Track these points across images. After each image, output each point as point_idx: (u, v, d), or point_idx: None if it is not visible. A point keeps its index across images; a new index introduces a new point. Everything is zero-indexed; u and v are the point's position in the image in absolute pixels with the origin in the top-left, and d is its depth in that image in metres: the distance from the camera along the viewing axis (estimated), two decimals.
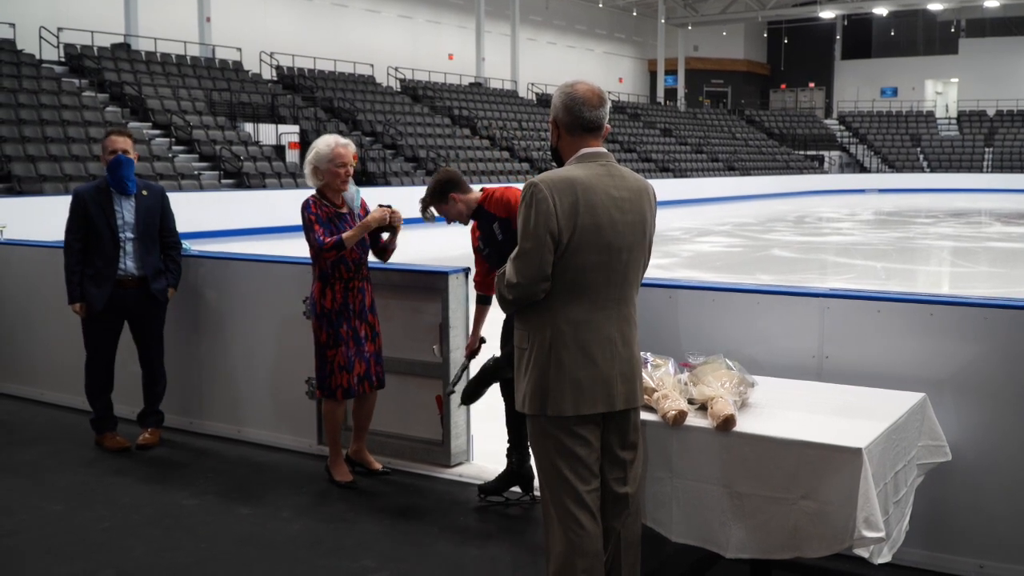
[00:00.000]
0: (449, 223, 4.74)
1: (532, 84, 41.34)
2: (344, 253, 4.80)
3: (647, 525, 3.44)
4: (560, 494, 3.09)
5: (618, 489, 3.18)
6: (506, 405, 4.69)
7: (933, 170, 47.60)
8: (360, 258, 4.92)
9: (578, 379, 3.02)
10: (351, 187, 4.95)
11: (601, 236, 2.99)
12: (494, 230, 4.56)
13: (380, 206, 4.91)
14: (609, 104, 3.18)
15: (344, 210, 4.91)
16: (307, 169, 4.91)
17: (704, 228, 24.78)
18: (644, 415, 3.35)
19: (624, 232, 3.04)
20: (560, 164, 3.16)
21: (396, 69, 35.46)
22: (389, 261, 5.26)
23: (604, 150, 3.12)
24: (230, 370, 5.95)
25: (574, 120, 3.09)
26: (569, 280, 3.00)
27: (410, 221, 5.05)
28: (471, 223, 4.73)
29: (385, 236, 5.06)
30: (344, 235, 4.79)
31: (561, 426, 3.06)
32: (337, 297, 4.84)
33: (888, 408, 3.52)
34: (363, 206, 5.03)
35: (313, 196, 4.90)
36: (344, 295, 4.86)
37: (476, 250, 4.76)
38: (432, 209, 4.67)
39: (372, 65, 34.30)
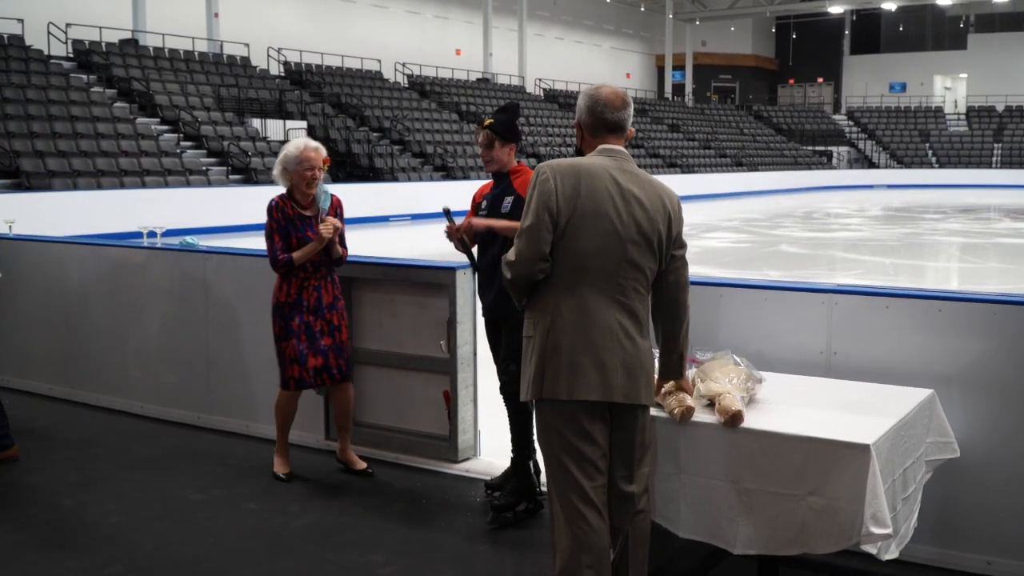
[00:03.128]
0: (484, 160, 4.58)
1: (540, 80, 41.29)
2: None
3: (655, 521, 3.44)
4: (565, 490, 3.09)
5: (625, 488, 3.18)
6: (508, 412, 4.62)
7: (942, 166, 47.45)
8: (319, 260, 5.00)
9: (574, 363, 3.03)
10: (320, 187, 4.97)
11: (602, 222, 3.01)
12: (504, 201, 4.51)
13: (326, 219, 4.93)
14: (632, 107, 3.21)
15: (309, 213, 4.97)
16: (276, 170, 5.00)
17: (712, 224, 24.73)
18: (652, 411, 3.36)
19: (629, 223, 3.03)
20: None
21: (404, 65, 35.45)
22: (398, 256, 5.27)
23: (622, 148, 3.16)
24: (238, 365, 5.96)
25: (596, 121, 3.16)
26: (569, 264, 3.03)
27: (419, 216, 5.03)
28: (479, 191, 4.73)
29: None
30: (295, 255, 4.92)
31: (566, 421, 3.06)
32: (292, 292, 4.99)
33: (896, 404, 3.51)
34: (335, 205, 5.06)
35: (281, 196, 5.01)
36: (299, 292, 5.00)
37: (475, 207, 4.73)
38: (485, 134, 4.54)
39: (380, 61, 34.28)
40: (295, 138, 5.07)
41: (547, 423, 3.10)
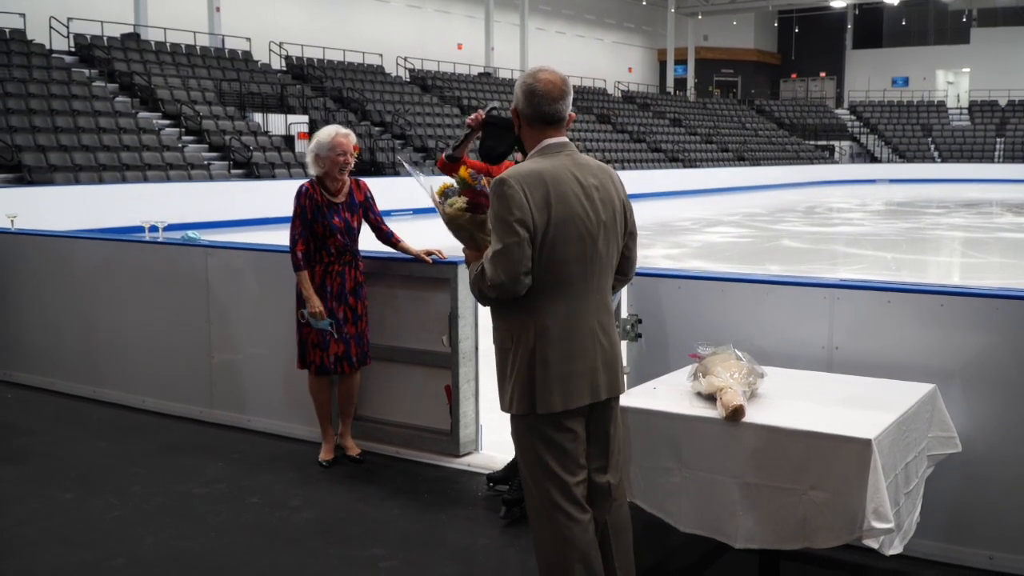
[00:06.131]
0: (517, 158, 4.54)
1: None
2: (329, 240, 5.07)
3: (655, 515, 3.44)
4: (548, 488, 3.05)
5: (599, 479, 3.15)
6: None
7: (944, 160, 47.41)
8: (344, 244, 5.10)
9: (564, 374, 2.99)
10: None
11: (575, 226, 2.97)
12: None
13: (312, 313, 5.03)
14: (571, 94, 3.10)
15: (338, 200, 5.12)
16: (309, 157, 5.16)
17: (714, 218, 24.72)
18: (643, 404, 3.36)
19: (596, 220, 3.01)
20: (523, 152, 3.15)
21: (405, 59, 35.43)
22: (400, 248, 5.28)
23: (566, 139, 3.09)
24: (240, 359, 5.96)
25: (534, 113, 3.05)
26: (549, 274, 2.97)
27: (420, 211, 5.07)
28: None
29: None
30: (304, 283, 5.02)
31: (549, 421, 3.03)
32: (315, 279, 5.08)
33: (898, 399, 3.51)
34: (363, 189, 5.27)
35: (310, 182, 5.15)
36: (323, 277, 5.10)
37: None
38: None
39: (381, 55, 34.26)
40: (327, 126, 5.22)
41: (531, 426, 3.05)
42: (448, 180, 3.45)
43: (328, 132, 5.11)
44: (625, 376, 3.69)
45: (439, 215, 3.22)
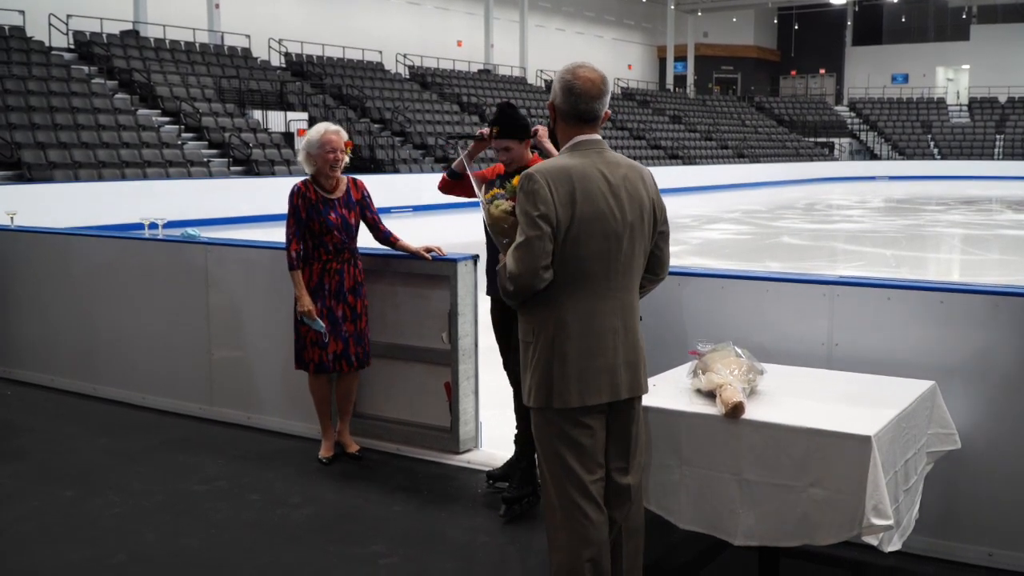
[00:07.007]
0: (501, 158, 4.59)
1: (541, 71, 41.24)
2: (326, 237, 5.06)
3: (655, 512, 3.44)
4: (565, 484, 3.06)
5: (620, 480, 3.15)
6: (515, 394, 4.67)
7: (944, 157, 47.40)
8: (342, 242, 5.10)
9: (582, 371, 3.00)
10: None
11: (600, 224, 2.97)
12: None
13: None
14: (610, 91, 3.14)
15: (333, 196, 5.11)
16: (301, 156, 5.16)
17: (713, 215, 24.72)
18: (643, 401, 3.36)
19: (622, 219, 3.01)
20: (556, 145, 3.16)
21: (405, 56, 35.40)
22: (399, 248, 5.27)
23: (598, 137, 3.10)
24: (239, 356, 5.96)
25: (571, 110, 3.08)
26: (571, 271, 2.98)
27: (421, 208, 5.06)
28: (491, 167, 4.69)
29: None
30: (296, 282, 5.00)
31: (567, 416, 3.04)
32: (314, 277, 5.07)
33: (897, 396, 3.51)
34: (360, 188, 5.24)
35: (304, 181, 5.13)
36: (320, 275, 5.08)
37: (487, 181, 4.65)
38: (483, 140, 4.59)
39: (381, 52, 34.25)
40: (318, 124, 5.24)
41: (550, 421, 3.07)
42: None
43: (318, 130, 5.09)
44: None
45: (482, 213, 3.27)
